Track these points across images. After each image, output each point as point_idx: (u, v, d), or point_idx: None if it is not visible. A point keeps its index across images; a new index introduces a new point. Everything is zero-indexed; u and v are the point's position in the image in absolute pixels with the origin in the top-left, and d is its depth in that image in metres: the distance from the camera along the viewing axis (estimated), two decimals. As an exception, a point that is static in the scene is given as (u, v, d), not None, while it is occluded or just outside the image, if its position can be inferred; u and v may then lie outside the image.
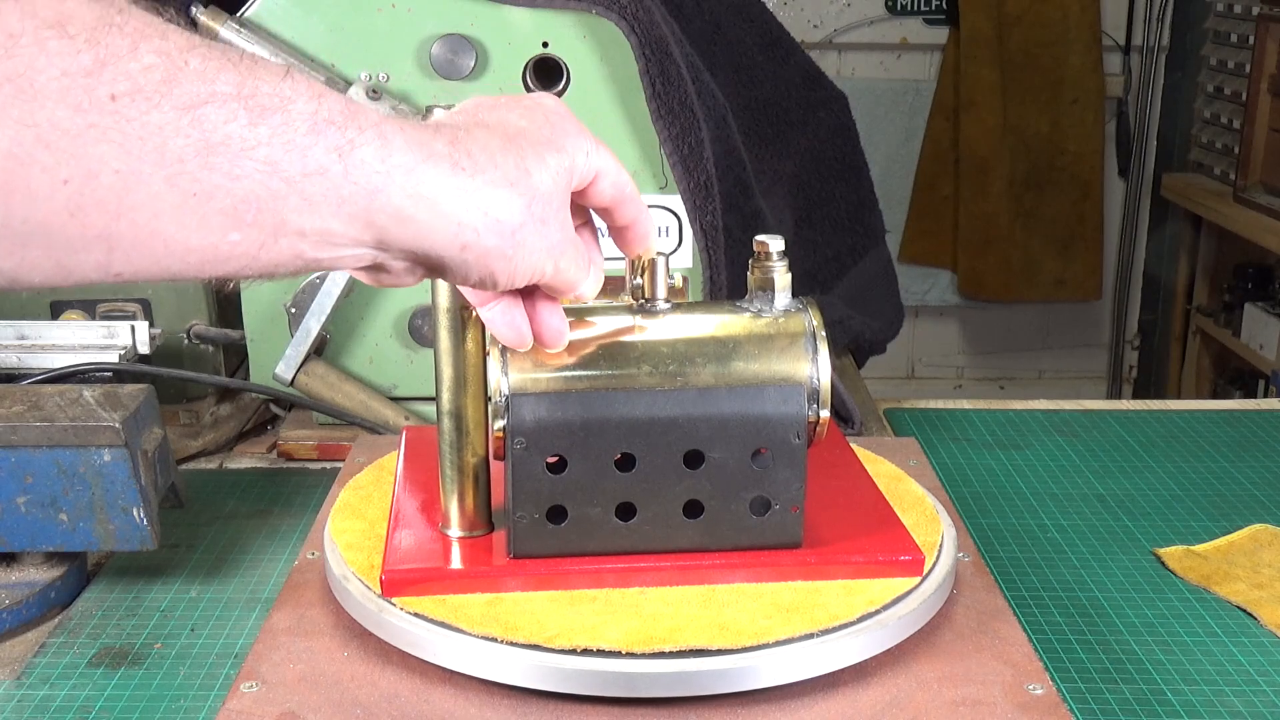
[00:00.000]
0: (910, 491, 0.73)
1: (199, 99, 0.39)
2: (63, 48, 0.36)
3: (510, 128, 0.50)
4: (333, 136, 0.42)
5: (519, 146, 0.49)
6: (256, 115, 0.40)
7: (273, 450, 1.06)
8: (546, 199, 0.49)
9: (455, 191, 0.45)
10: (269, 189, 0.41)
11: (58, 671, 0.72)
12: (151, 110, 0.38)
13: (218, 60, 0.40)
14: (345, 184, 0.42)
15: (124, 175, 0.38)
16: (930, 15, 3.11)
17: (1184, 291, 3.08)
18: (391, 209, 0.44)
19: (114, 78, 0.37)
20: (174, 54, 0.38)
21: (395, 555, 0.63)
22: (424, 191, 0.44)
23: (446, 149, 0.46)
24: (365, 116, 0.43)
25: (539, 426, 0.60)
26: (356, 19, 0.99)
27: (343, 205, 0.43)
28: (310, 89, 0.42)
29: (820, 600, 0.61)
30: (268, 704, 0.57)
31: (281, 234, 0.42)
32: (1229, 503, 0.96)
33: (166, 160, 0.38)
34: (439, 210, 0.45)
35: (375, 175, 0.43)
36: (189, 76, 0.38)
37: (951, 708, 0.57)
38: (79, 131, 0.36)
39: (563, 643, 0.57)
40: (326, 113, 0.42)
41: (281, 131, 0.40)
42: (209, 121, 0.39)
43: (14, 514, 0.74)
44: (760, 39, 1.29)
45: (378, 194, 0.43)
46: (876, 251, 1.38)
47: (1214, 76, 2.93)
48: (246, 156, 0.40)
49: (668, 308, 0.63)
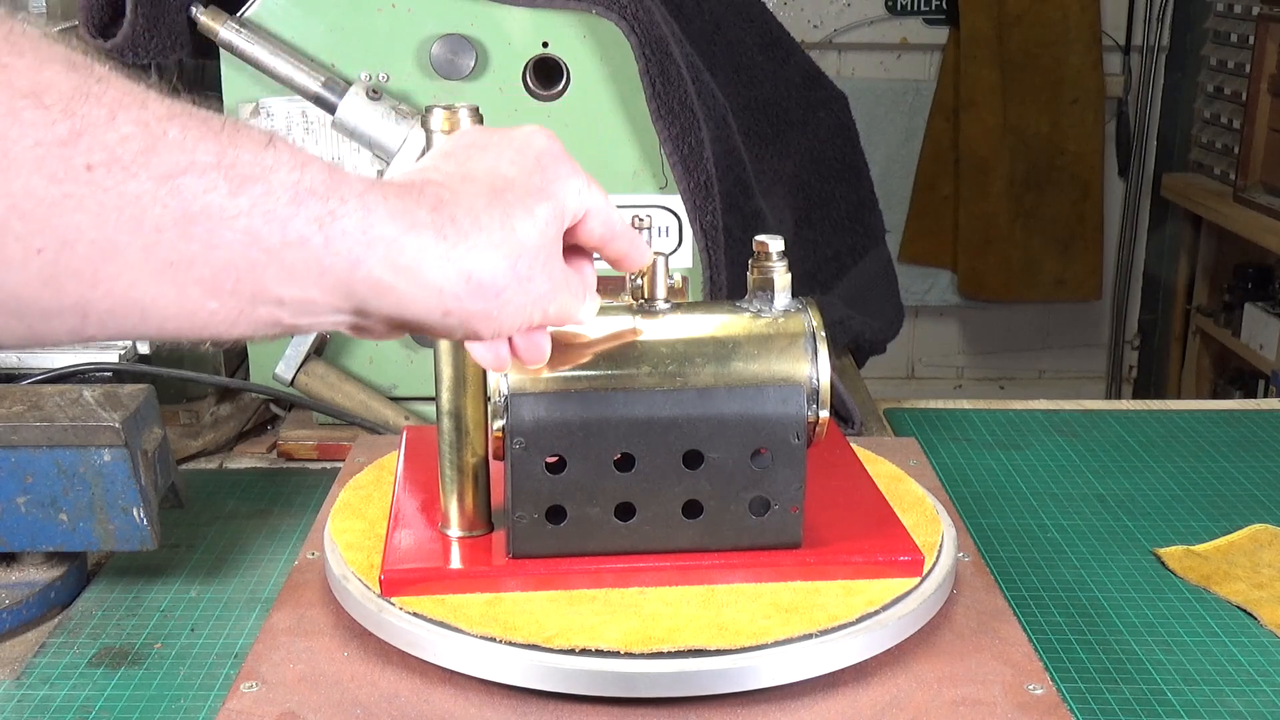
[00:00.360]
0: (910, 491, 0.73)
1: (178, 169, 0.38)
2: (38, 118, 0.35)
3: (498, 178, 0.49)
4: (314, 207, 0.41)
5: (505, 202, 0.48)
6: (237, 185, 0.39)
7: (273, 450, 1.06)
8: (533, 254, 0.48)
9: (438, 260, 0.45)
10: (248, 259, 0.40)
11: (58, 671, 0.72)
12: (129, 180, 0.37)
13: (198, 129, 0.39)
14: (326, 254, 0.42)
15: (100, 245, 0.37)
16: (930, 15, 3.11)
17: (1184, 291, 3.08)
18: (372, 280, 0.43)
19: (90, 148, 0.36)
20: (153, 123, 0.38)
21: (395, 555, 0.63)
22: (405, 262, 0.44)
23: (429, 216, 0.45)
24: (349, 186, 0.43)
25: (538, 426, 0.60)
26: (356, 19, 0.99)
27: (323, 276, 0.42)
28: (294, 158, 0.41)
29: (820, 600, 0.61)
30: (268, 704, 0.57)
31: (260, 302, 0.42)
32: (1229, 503, 0.96)
33: (144, 230, 0.38)
34: (420, 280, 0.45)
35: (357, 246, 0.42)
36: (168, 146, 0.38)
37: (951, 708, 0.57)
38: (54, 201, 0.36)
39: (562, 643, 0.57)
40: (309, 182, 0.41)
41: (262, 201, 0.40)
42: (188, 191, 0.38)
43: (14, 514, 0.74)
44: (760, 39, 1.29)
45: (359, 265, 0.43)
46: (876, 251, 1.38)
47: (1214, 76, 2.93)
48: (226, 227, 0.39)
49: (667, 308, 0.63)
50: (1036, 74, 3.02)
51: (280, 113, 1.00)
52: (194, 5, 0.97)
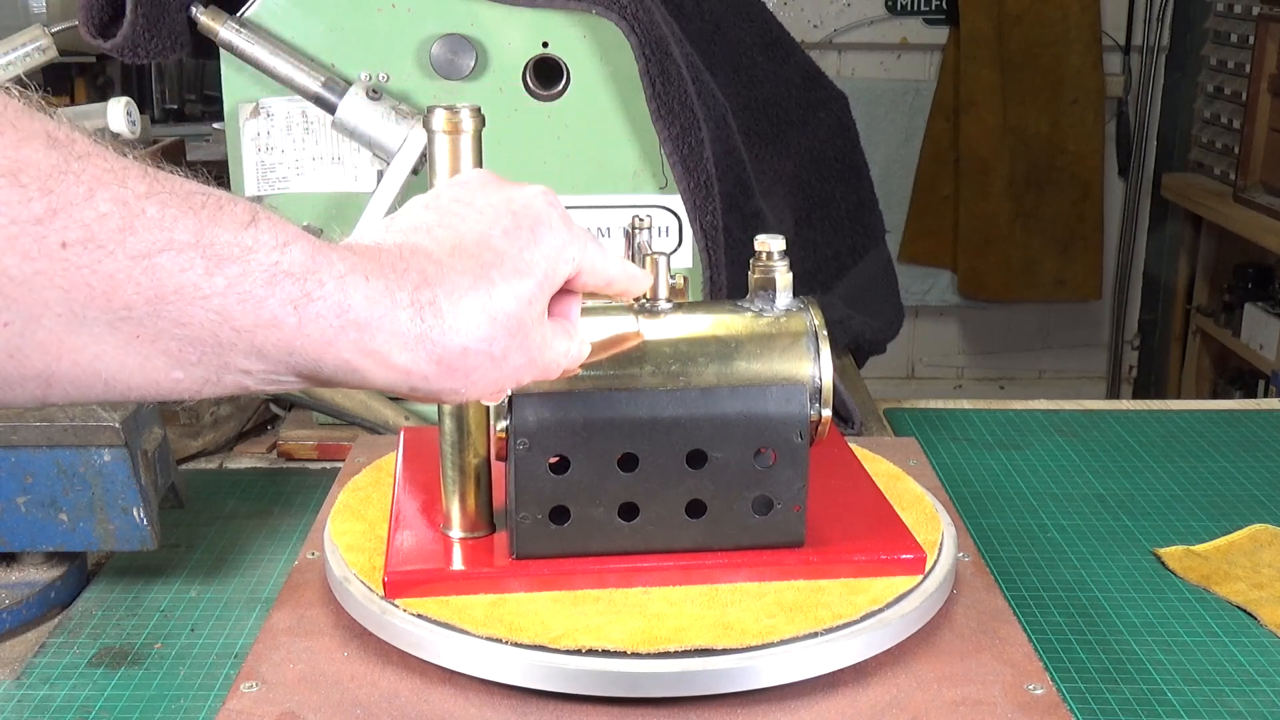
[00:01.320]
0: (909, 490, 0.73)
1: (154, 247, 0.38)
2: (13, 196, 0.35)
3: (489, 251, 0.49)
4: (291, 289, 0.41)
5: (491, 280, 0.48)
6: (214, 265, 0.39)
7: (273, 450, 1.06)
8: (511, 333, 0.48)
9: (411, 345, 0.45)
10: (218, 338, 0.40)
11: (58, 671, 0.72)
12: (105, 259, 0.37)
13: (178, 207, 0.39)
14: (298, 336, 0.42)
15: (66, 320, 0.37)
16: (930, 15, 3.11)
17: (1184, 291, 3.08)
18: (341, 361, 0.44)
19: (66, 226, 0.36)
20: (131, 201, 0.38)
21: (397, 557, 0.63)
22: (377, 347, 0.44)
23: (410, 297, 0.45)
24: (329, 268, 0.43)
25: (541, 427, 0.60)
26: (356, 19, 0.98)
27: (292, 355, 0.42)
28: (275, 237, 0.41)
29: (823, 599, 0.61)
30: (268, 704, 0.57)
31: (226, 373, 0.42)
32: (1229, 503, 0.96)
33: (113, 307, 0.38)
34: (388, 364, 0.45)
35: (329, 330, 0.43)
36: (146, 224, 0.38)
37: (951, 708, 0.57)
38: (25, 278, 0.36)
39: (567, 643, 0.57)
40: (288, 264, 0.41)
41: (238, 282, 0.40)
42: (163, 270, 0.38)
43: (14, 514, 0.74)
44: (760, 39, 1.29)
45: (329, 346, 0.43)
46: (876, 251, 1.38)
47: (1214, 76, 2.94)
48: (199, 306, 0.39)
49: (669, 308, 0.63)
50: (1036, 74, 3.02)
51: (280, 113, 1.00)
52: (194, 5, 0.97)
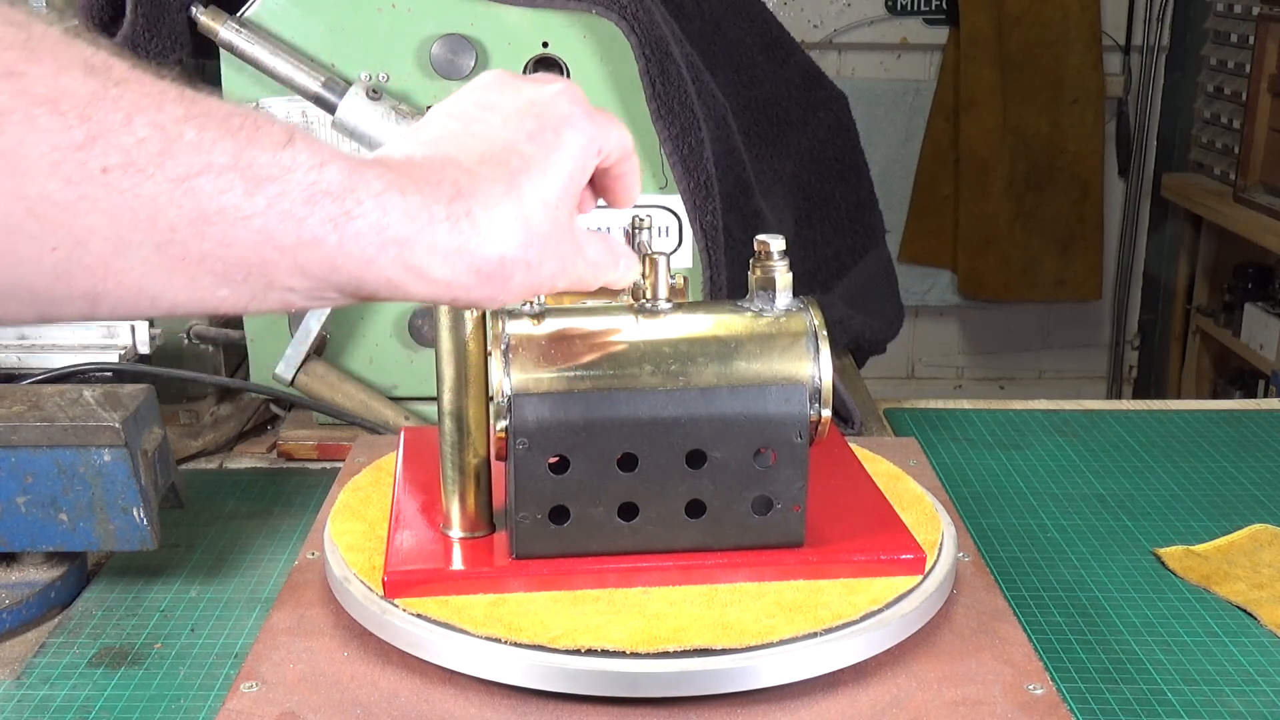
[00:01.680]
0: (909, 490, 0.73)
1: (193, 170, 0.39)
2: (54, 124, 0.36)
3: (516, 157, 0.49)
4: (330, 208, 0.42)
5: (519, 187, 0.48)
6: (253, 185, 0.40)
7: (273, 450, 1.06)
8: (544, 239, 0.49)
9: (450, 257, 0.46)
10: (262, 257, 0.41)
11: (58, 671, 0.72)
12: (145, 182, 0.38)
13: (215, 130, 0.39)
14: (339, 254, 0.43)
15: (112, 243, 0.38)
16: (930, 15, 3.11)
17: (1184, 291, 3.08)
18: (383, 278, 0.44)
19: (105, 151, 0.37)
20: (169, 126, 0.38)
21: (397, 557, 0.63)
22: (416, 262, 0.45)
23: (445, 210, 0.45)
24: (367, 186, 0.43)
25: (541, 427, 0.60)
26: (356, 19, 0.98)
27: (335, 273, 0.43)
28: (312, 157, 0.42)
29: (823, 599, 0.61)
30: (268, 704, 0.57)
31: (271, 290, 0.43)
32: (1229, 503, 0.96)
33: (157, 230, 0.39)
34: (430, 277, 0.45)
35: (370, 247, 0.43)
36: (184, 148, 0.39)
37: (951, 708, 0.57)
38: (69, 203, 0.37)
39: (567, 643, 0.57)
40: (326, 183, 0.42)
41: (278, 202, 0.40)
42: (203, 192, 0.39)
43: (14, 514, 0.74)
44: (760, 39, 1.29)
45: (370, 264, 0.44)
46: (876, 251, 1.38)
47: (1214, 76, 2.94)
48: (241, 226, 0.40)
49: (669, 307, 0.63)
50: (1036, 74, 3.02)
51: (280, 113, 1.00)
52: (194, 5, 0.97)
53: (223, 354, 1.09)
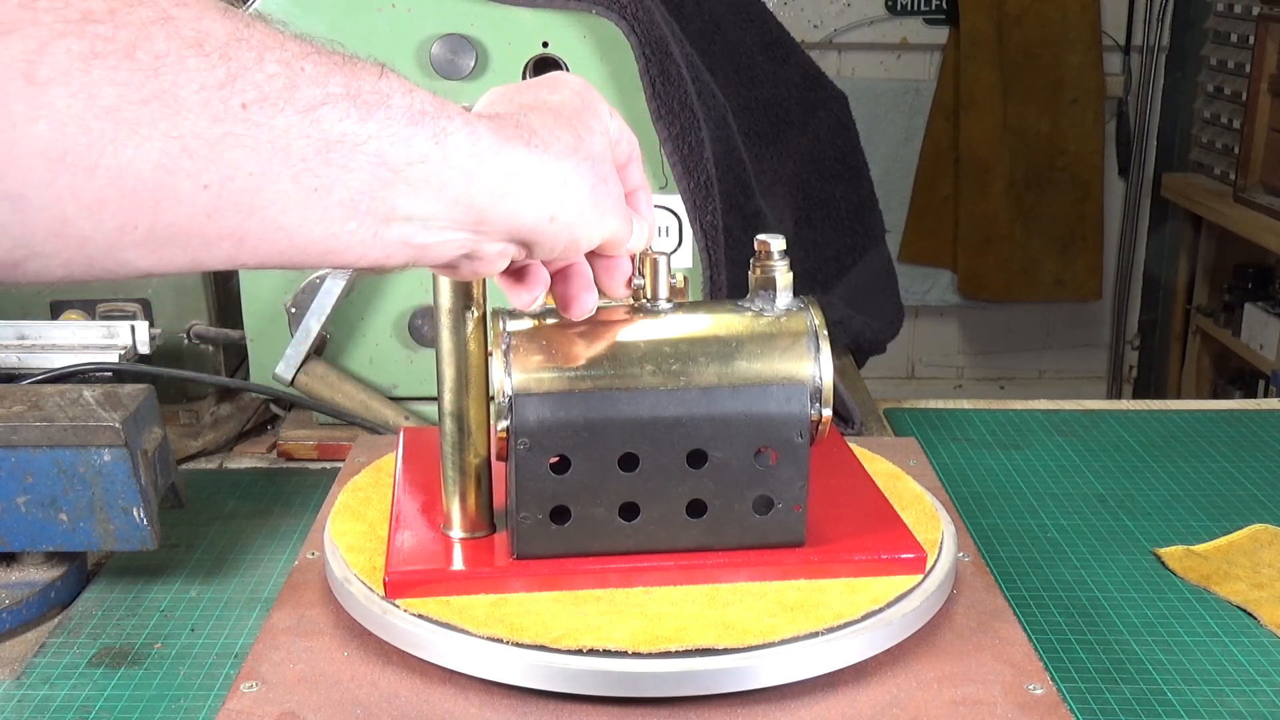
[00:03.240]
0: (908, 490, 0.73)
1: (316, 101, 0.42)
2: (200, 64, 0.39)
3: (552, 104, 0.54)
4: (429, 126, 0.45)
5: (566, 119, 0.53)
6: (365, 112, 0.43)
7: (273, 450, 1.06)
8: (601, 159, 0.53)
9: (536, 167, 0.49)
10: (379, 179, 0.44)
11: (58, 671, 0.72)
12: (277, 115, 0.41)
13: (326, 64, 0.43)
14: (445, 169, 0.46)
15: (256, 177, 0.41)
16: (930, 15, 3.11)
17: (1184, 291, 3.08)
18: (487, 189, 0.47)
19: (244, 88, 0.40)
20: (292, 62, 0.42)
21: (398, 557, 0.63)
22: (512, 169, 0.48)
23: (516, 131, 0.49)
24: (451, 107, 0.47)
25: (542, 427, 0.60)
26: (356, 19, 0.98)
27: (444, 189, 0.46)
28: (402, 84, 0.45)
29: (824, 598, 0.61)
30: (268, 704, 0.57)
31: (392, 219, 0.45)
32: (1229, 503, 0.96)
33: (291, 160, 0.41)
34: (527, 185, 0.49)
35: (469, 159, 0.46)
36: (306, 81, 0.42)
37: (951, 708, 0.57)
38: (217, 140, 0.39)
39: (569, 643, 0.57)
40: (420, 105, 0.45)
41: (386, 125, 0.44)
42: (326, 121, 0.42)
43: (14, 514, 0.74)
44: (760, 39, 1.29)
45: (474, 177, 0.47)
46: (876, 251, 1.38)
47: (1214, 76, 2.94)
48: (359, 150, 0.43)
49: (669, 307, 0.63)
50: (1036, 74, 3.02)
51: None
52: (194, 5, 0.96)
53: (223, 354, 1.09)
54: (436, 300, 0.62)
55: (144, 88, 0.37)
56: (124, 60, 0.37)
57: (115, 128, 0.37)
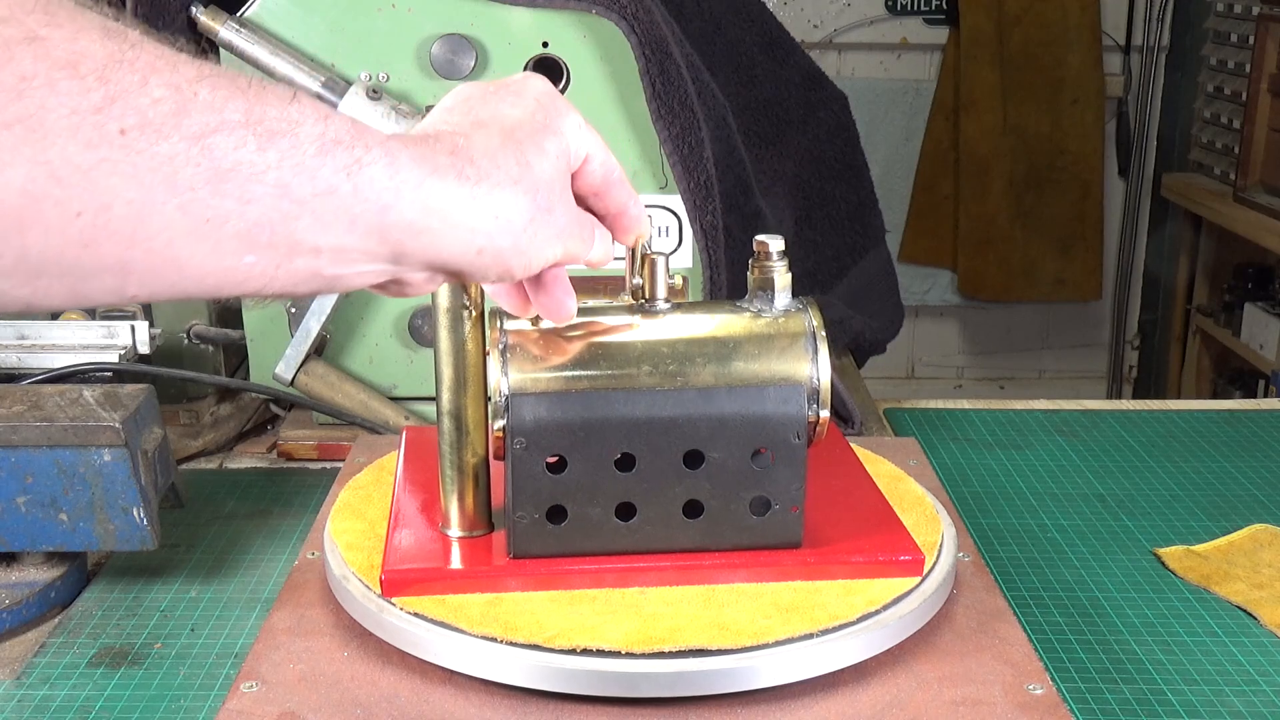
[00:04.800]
0: (910, 491, 0.73)
1: (208, 128, 0.39)
2: (73, 87, 0.37)
3: (506, 120, 0.51)
4: (340, 156, 0.43)
5: (517, 140, 0.50)
6: (265, 140, 0.41)
7: (273, 450, 1.06)
8: (549, 186, 0.51)
9: (464, 200, 0.47)
10: (281, 211, 0.41)
11: (58, 671, 0.72)
12: (161, 141, 0.38)
13: (226, 89, 0.40)
14: (356, 202, 0.43)
15: (136, 205, 0.38)
16: (930, 15, 3.11)
17: (1184, 291, 3.08)
18: (404, 223, 0.45)
19: (123, 112, 0.38)
20: (183, 86, 0.39)
21: (395, 555, 0.63)
22: (434, 204, 0.46)
23: (449, 159, 0.47)
24: (371, 135, 0.44)
25: (539, 426, 0.60)
26: (356, 19, 0.99)
27: (355, 223, 0.44)
28: (316, 111, 0.43)
29: (820, 600, 0.61)
30: (268, 704, 0.57)
31: (297, 253, 0.43)
32: (1229, 503, 0.96)
33: (178, 189, 0.39)
34: (450, 220, 0.46)
35: (385, 192, 0.44)
36: (198, 107, 0.39)
37: (951, 708, 0.57)
38: (90, 166, 0.37)
39: (563, 643, 0.57)
40: (334, 134, 0.43)
41: (290, 154, 0.41)
42: (219, 149, 0.40)
43: (14, 514, 0.74)
44: (760, 39, 1.29)
45: (389, 210, 0.44)
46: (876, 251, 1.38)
47: (1214, 76, 2.93)
48: (257, 181, 0.41)
49: (668, 307, 0.63)
50: (1036, 74, 3.02)
51: (280, 113, 1.00)
52: (194, 5, 0.97)
53: (223, 354, 1.09)
54: (435, 300, 0.62)
55: (6, 110, 0.36)
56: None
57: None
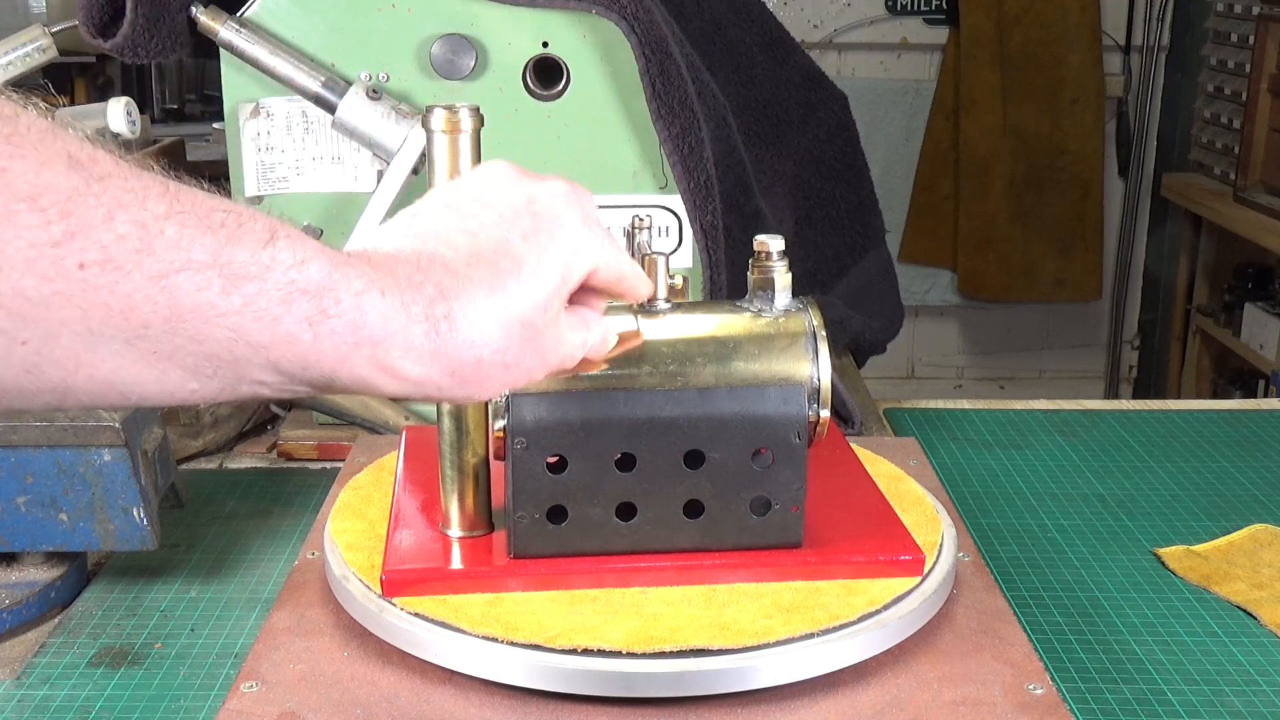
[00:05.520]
0: (910, 491, 0.73)
1: (171, 268, 0.38)
2: (32, 220, 0.36)
3: (507, 256, 0.49)
4: (305, 306, 0.42)
5: (506, 290, 0.48)
6: (230, 284, 0.40)
7: (273, 450, 1.06)
8: (524, 339, 0.49)
9: (425, 360, 0.46)
10: (233, 354, 0.41)
11: (58, 671, 0.72)
12: (122, 279, 0.38)
13: (195, 227, 0.39)
14: (313, 352, 0.42)
15: (83, 337, 0.38)
16: (930, 15, 3.11)
17: (1184, 291, 3.08)
18: (355, 376, 0.44)
19: (84, 247, 0.37)
20: (150, 223, 0.38)
21: (396, 555, 0.63)
22: (391, 362, 0.45)
23: (425, 311, 0.45)
24: (347, 285, 0.43)
25: (539, 426, 0.60)
26: (356, 19, 0.98)
27: (307, 369, 0.43)
28: (294, 254, 0.41)
29: (820, 600, 0.61)
30: (268, 704, 0.57)
31: (241, 385, 0.42)
32: (1229, 503, 0.96)
33: (130, 325, 0.38)
34: (403, 376, 0.45)
35: (344, 346, 0.43)
36: (164, 245, 0.38)
37: (951, 708, 0.57)
38: (43, 299, 0.37)
39: (563, 643, 0.57)
40: (304, 282, 0.42)
41: (254, 300, 0.40)
42: (180, 289, 0.39)
43: (14, 514, 0.74)
44: (760, 39, 1.29)
45: (344, 363, 0.44)
46: (876, 251, 1.38)
47: (1214, 76, 2.93)
48: (215, 324, 0.40)
49: (668, 308, 0.63)
50: (1036, 74, 3.02)
51: (280, 113, 1.00)
52: (194, 5, 0.97)
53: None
54: (435, 300, 0.62)
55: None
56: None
57: None
